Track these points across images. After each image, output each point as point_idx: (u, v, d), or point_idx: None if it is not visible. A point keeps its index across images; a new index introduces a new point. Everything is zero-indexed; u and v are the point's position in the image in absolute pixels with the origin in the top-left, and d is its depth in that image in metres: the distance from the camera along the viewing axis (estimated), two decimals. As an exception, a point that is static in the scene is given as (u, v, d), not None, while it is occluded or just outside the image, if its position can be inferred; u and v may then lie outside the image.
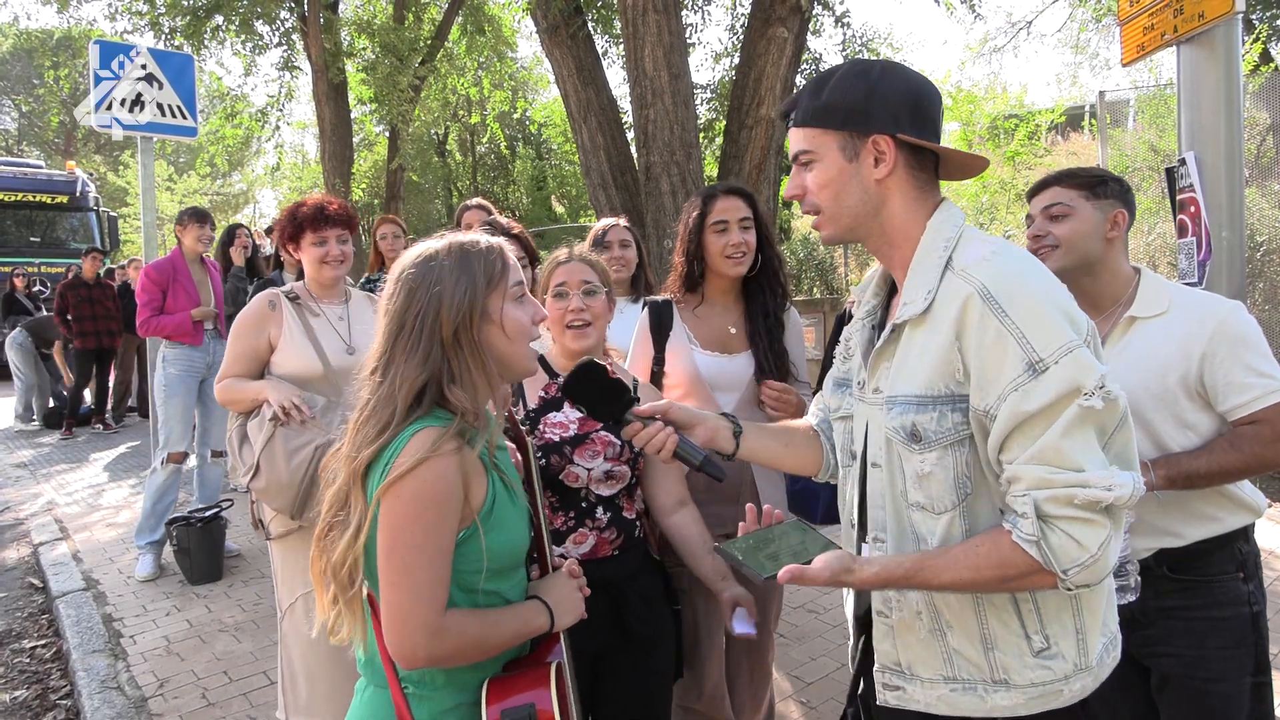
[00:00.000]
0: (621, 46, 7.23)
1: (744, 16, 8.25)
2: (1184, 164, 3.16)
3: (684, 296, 2.59)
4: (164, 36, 12.90)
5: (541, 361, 2.19)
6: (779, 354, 2.49)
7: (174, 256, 5.36)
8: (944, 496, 1.35)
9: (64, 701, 3.80)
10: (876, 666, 1.49)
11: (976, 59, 17.82)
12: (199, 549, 4.88)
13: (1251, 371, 1.88)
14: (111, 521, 6.31)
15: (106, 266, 11.73)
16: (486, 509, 1.42)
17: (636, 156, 6.62)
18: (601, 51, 8.61)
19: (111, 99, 5.83)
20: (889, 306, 1.55)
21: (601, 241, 3.47)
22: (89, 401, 10.38)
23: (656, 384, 2.52)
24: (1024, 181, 15.05)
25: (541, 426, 2.09)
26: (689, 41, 8.22)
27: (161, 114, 6.09)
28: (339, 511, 1.41)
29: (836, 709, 3.35)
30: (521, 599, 1.53)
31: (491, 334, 1.43)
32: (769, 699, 2.76)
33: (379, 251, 5.27)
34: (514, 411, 1.73)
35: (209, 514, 4.98)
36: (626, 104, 7.45)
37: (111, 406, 10.46)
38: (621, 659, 2.09)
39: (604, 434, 2.09)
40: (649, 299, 2.66)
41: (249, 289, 5.66)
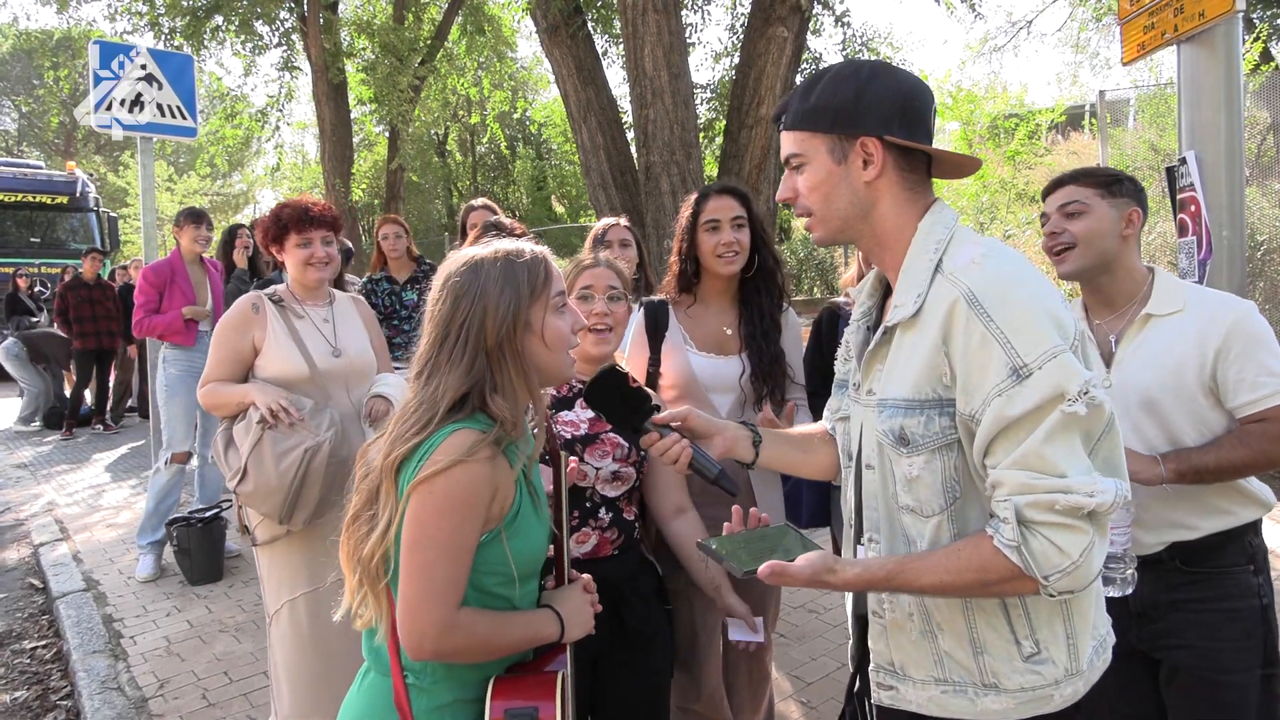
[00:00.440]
0: (621, 46, 7.24)
1: (744, 16, 8.26)
2: (1184, 163, 3.16)
3: (679, 297, 2.58)
4: (164, 37, 12.92)
5: None
6: (774, 356, 2.48)
7: (172, 258, 5.36)
8: (932, 500, 1.35)
9: (64, 702, 3.79)
10: (872, 666, 1.50)
11: (977, 58, 17.83)
12: (199, 549, 4.89)
13: (1264, 370, 1.91)
14: (112, 522, 6.31)
15: (109, 268, 11.73)
16: (511, 516, 1.45)
17: (636, 156, 6.62)
18: (601, 51, 8.61)
19: (111, 99, 5.83)
20: (884, 308, 1.55)
21: (601, 241, 3.46)
22: (89, 402, 10.38)
23: (652, 384, 2.52)
24: (1024, 181, 15.04)
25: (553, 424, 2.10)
26: (689, 41, 8.22)
27: (161, 114, 6.08)
28: (370, 505, 1.44)
29: (837, 709, 3.34)
30: (531, 608, 1.55)
31: (533, 344, 1.46)
32: (769, 699, 2.76)
33: (381, 252, 5.26)
34: (552, 426, 1.75)
35: (209, 514, 4.98)
36: (626, 104, 7.45)
37: (111, 407, 10.46)
38: (622, 659, 2.10)
39: (613, 435, 2.10)
40: (644, 299, 2.66)
41: (252, 290, 5.64)
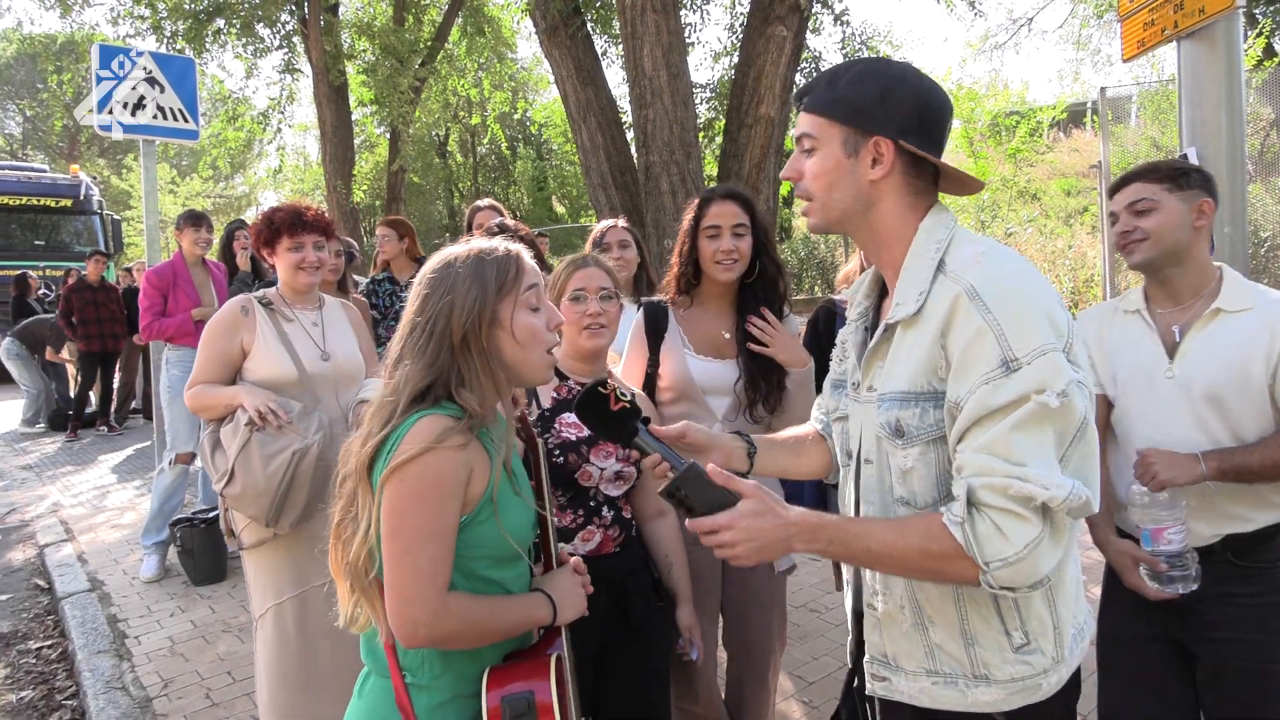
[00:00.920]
0: (620, 46, 7.23)
1: (743, 15, 8.26)
2: (1186, 159, 3.16)
3: (679, 299, 2.59)
4: (166, 40, 12.94)
5: None
6: (770, 363, 2.46)
7: (175, 261, 5.38)
8: (925, 492, 1.37)
9: (69, 702, 3.81)
10: (867, 658, 1.52)
11: (977, 56, 17.82)
12: (203, 550, 4.90)
13: None
14: (116, 523, 6.33)
15: (112, 271, 11.74)
16: (487, 498, 1.45)
17: (636, 156, 6.62)
18: (601, 51, 8.62)
19: (113, 102, 5.85)
20: (880, 308, 1.57)
21: (600, 243, 3.48)
22: (93, 404, 10.41)
23: (651, 386, 2.53)
24: (1025, 179, 15.04)
25: (557, 425, 2.14)
26: (688, 41, 8.23)
27: (163, 117, 6.10)
28: (351, 507, 1.45)
29: (839, 706, 3.35)
30: (524, 592, 1.56)
31: (501, 339, 1.47)
32: (770, 703, 2.76)
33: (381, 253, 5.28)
34: (526, 412, 1.76)
35: (212, 515, 4.99)
36: (626, 104, 7.45)
37: (115, 409, 10.49)
38: (625, 653, 2.13)
39: None
40: (644, 300, 2.67)
41: (256, 291, 5.65)
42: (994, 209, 13.89)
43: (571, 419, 2.14)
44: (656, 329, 2.54)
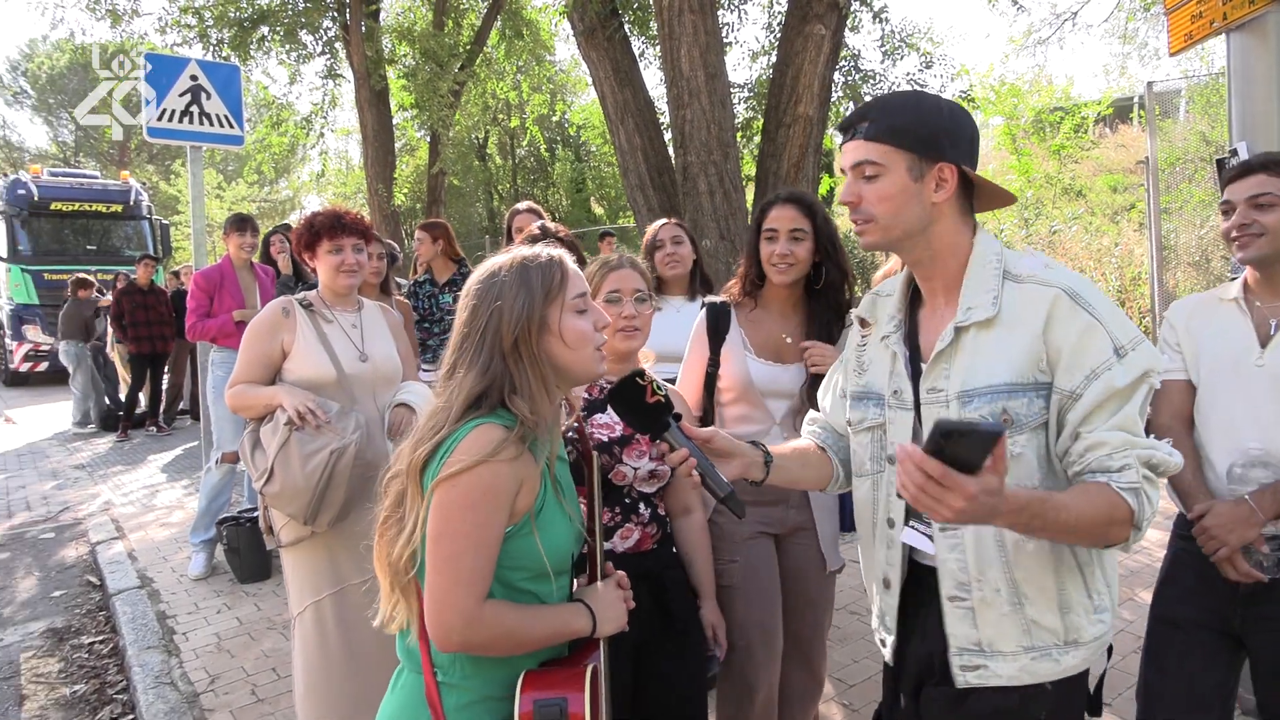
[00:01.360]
0: (658, 47, 7.23)
1: (781, 14, 8.21)
2: (1235, 154, 3.09)
3: (743, 300, 2.61)
4: (212, 48, 13.21)
5: None
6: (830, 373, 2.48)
7: (223, 264, 5.50)
8: (1031, 475, 1.48)
9: (120, 696, 3.91)
10: (952, 650, 1.55)
11: (1020, 52, 17.50)
12: (248, 548, 4.99)
13: None
14: (165, 521, 6.48)
15: (161, 274, 11.98)
16: (536, 510, 1.47)
17: (674, 157, 6.60)
18: (638, 53, 8.63)
19: (164, 109, 6.01)
20: (914, 319, 1.67)
21: (655, 240, 3.53)
22: (142, 405, 10.66)
23: (710, 386, 2.56)
24: (1069, 176, 14.75)
25: (589, 428, 2.15)
26: (725, 41, 8.19)
27: (210, 124, 6.25)
28: (397, 507, 1.47)
29: (879, 711, 3.31)
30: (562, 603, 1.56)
31: (551, 344, 1.49)
32: (818, 698, 2.76)
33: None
34: (582, 421, 1.78)
35: (257, 514, 5.08)
36: (664, 104, 7.45)
37: (164, 409, 10.73)
38: (666, 648, 2.13)
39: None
40: (708, 300, 2.69)
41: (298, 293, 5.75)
42: (1038, 207, 13.65)
43: (603, 420, 2.16)
44: (718, 329, 2.56)
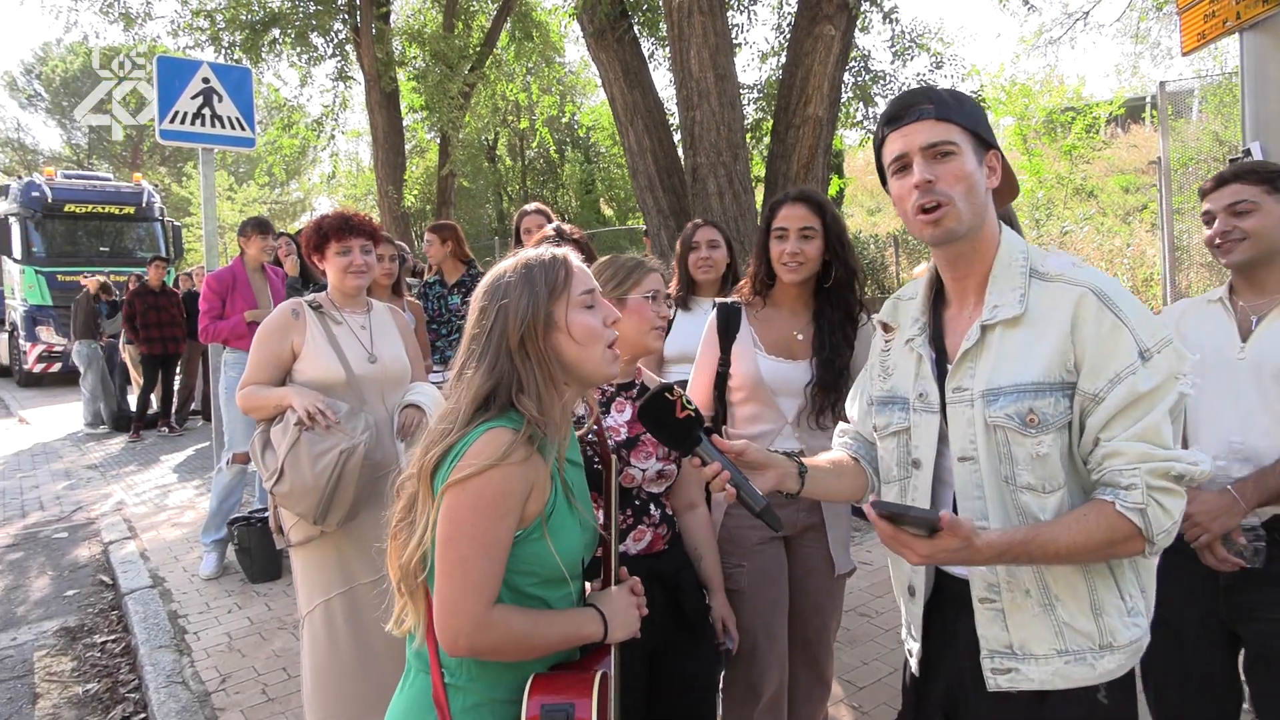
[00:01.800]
0: (667, 49, 7.23)
1: (790, 15, 8.19)
2: (1248, 154, 3.07)
3: (753, 299, 2.62)
4: (224, 51, 13.28)
5: None
6: (840, 370, 2.47)
7: (235, 265, 5.53)
8: (1056, 475, 1.45)
9: (132, 695, 3.93)
10: (984, 653, 1.53)
11: (1031, 51, 17.45)
12: (259, 548, 5.01)
13: None
14: (177, 521, 6.51)
15: (173, 275, 12.04)
16: (546, 515, 1.46)
17: (683, 158, 6.61)
18: (648, 54, 8.62)
19: (176, 111, 6.04)
20: (940, 320, 1.65)
21: (690, 242, 3.50)
22: (154, 406, 10.72)
23: (721, 385, 2.56)
24: (1081, 176, 14.69)
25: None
26: (735, 42, 8.19)
27: (221, 126, 6.28)
28: (409, 510, 1.47)
29: (889, 713, 3.31)
30: (571, 608, 1.55)
31: (559, 341, 1.49)
32: (826, 700, 2.76)
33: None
34: (602, 424, 1.77)
35: (268, 514, 5.10)
36: (673, 106, 7.45)
37: (176, 410, 10.79)
38: (681, 646, 2.13)
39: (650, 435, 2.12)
40: (718, 301, 2.69)
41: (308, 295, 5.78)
42: (1049, 207, 13.60)
43: (607, 422, 2.14)
44: (728, 329, 2.57)
